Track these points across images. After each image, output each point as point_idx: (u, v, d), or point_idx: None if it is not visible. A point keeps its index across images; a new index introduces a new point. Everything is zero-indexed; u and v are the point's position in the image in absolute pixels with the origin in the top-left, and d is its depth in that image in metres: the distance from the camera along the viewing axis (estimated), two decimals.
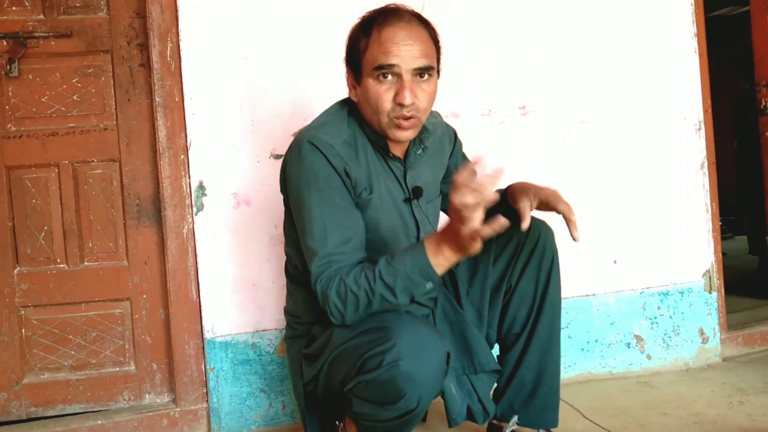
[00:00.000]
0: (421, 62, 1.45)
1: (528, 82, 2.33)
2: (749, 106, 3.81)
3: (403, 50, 1.43)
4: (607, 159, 2.38)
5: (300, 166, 1.48)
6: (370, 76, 1.46)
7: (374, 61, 1.45)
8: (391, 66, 1.44)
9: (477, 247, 1.30)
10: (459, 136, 1.83)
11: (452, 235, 1.31)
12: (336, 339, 1.47)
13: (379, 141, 1.55)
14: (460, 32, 2.27)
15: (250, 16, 2.11)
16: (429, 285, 1.39)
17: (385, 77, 1.45)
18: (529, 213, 1.55)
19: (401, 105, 1.44)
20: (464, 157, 1.82)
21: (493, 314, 1.72)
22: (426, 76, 1.47)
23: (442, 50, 1.55)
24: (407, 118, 1.46)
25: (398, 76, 1.45)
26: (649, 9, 2.41)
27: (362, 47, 1.48)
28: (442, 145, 1.73)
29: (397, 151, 1.58)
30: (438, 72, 1.54)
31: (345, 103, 1.60)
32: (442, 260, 1.36)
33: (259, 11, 2.12)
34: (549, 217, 1.65)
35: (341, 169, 1.47)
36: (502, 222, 1.23)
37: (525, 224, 1.53)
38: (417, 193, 1.61)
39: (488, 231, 1.25)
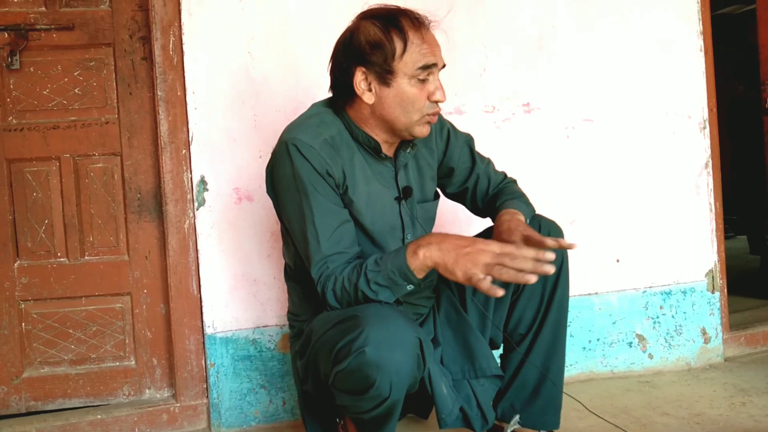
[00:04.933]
0: (444, 61, 1.53)
1: (532, 80, 2.31)
2: (745, 108, 3.85)
3: (437, 50, 1.51)
4: (611, 157, 2.37)
5: (284, 170, 1.50)
6: (408, 77, 1.48)
7: (417, 62, 1.48)
8: (435, 65, 1.50)
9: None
10: (461, 130, 1.78)
11: (445, 260, 1.36)
12: (315, 333, 1.48)
13: (370, 142, 1.55)
14: (466, 29, 2.26)
15: (252, 10, 2.10)
16: (409, 287, 1.41)
17: (427, 77, 1.50)
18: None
19: (437, 102, 1.51)
20: (471, 151, 1.77)
21: (500, 315, 1.70)
22: None
23: (450, 46, 1.59)
24: (434, 114, 1.53)
25: (433, 75, 1.51)
26: (656, 6, 2.39)
27: (398, 50, 1.47)
28: (429, 146, 1.70)
29: (389, 152, 1.59)
30: None
31: (326, 104, 1.59)
32: (419, 264, 1.38)
33: (262, 6, 2.10)
34: (558, 216, 1.63)
35: (323, 170, 1.48)
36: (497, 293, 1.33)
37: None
38: (407, 192, 1.61)
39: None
